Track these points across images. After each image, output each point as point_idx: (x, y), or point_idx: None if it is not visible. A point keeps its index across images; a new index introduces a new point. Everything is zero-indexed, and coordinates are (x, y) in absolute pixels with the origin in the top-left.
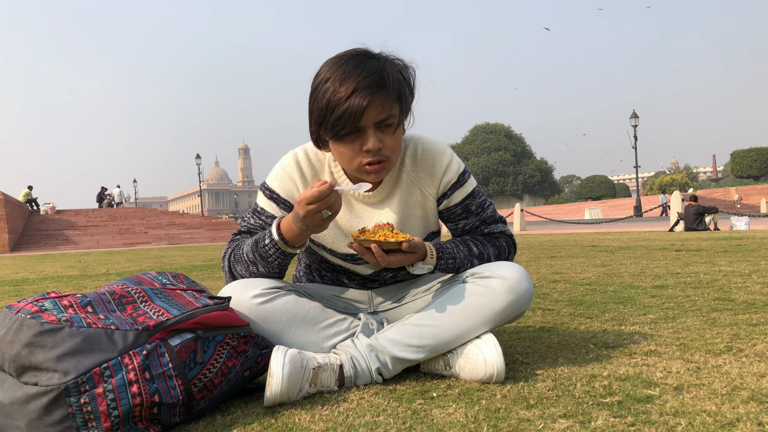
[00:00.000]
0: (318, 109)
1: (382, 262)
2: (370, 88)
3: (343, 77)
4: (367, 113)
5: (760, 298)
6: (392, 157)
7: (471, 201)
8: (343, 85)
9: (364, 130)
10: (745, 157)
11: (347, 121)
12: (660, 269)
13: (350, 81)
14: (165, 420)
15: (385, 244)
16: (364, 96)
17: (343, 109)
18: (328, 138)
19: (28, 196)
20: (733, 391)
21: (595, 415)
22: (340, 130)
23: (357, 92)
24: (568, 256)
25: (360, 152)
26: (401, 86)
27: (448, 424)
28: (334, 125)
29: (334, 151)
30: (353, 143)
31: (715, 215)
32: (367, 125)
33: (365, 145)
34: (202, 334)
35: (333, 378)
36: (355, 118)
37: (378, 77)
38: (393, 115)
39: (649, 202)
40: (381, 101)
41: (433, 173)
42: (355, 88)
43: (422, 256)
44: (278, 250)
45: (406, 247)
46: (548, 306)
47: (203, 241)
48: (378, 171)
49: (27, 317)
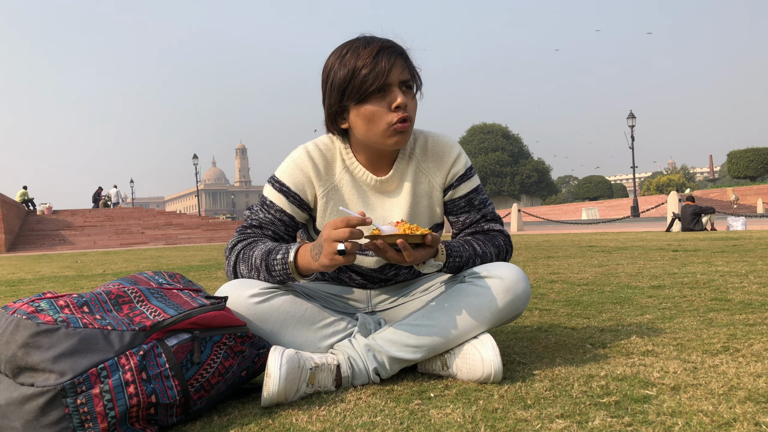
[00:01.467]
0: (341, 78)
1: (408, 257)
2: (394, 49)
3: (367, 42)
4: (393, 70)
5: (757, 298)
6: (413, 119)
7: (475, 196)
8: (367, 48)
9: (391, 89)
10: (741, 157)
11: (377, 77)
12: (657, 269)
13: (374, 44)
14: (162, 420)
15: (411, 237)
16: (390, 54)
17: (371, 67)
18: (352, 103)
19: (25, 196)
20: (730, 391)
21: (592, 415)
22: (369, 86)
23: (382, 51)
24: (566, 257)
25: (388, 110)
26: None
27: (445, 424)
28: (362, 84)
29: (358, 118)
30: (380, 102)
31: (712, 215)
32: (393, 83)
33: (395, 101)
34: (199, 335)
35: (330, 378)
36: (384, 73)
37: (398, 46)
38: (412, 80)
39: (646, 203)
40: (402, 64)
41: (441, 163)
42: (381, 48)
43: (435, 253)
44: (285, 270)
45: (429, 240)
46: (545, 306)
47: (200, 242)
48: (405, 131)
49: (23, 318)
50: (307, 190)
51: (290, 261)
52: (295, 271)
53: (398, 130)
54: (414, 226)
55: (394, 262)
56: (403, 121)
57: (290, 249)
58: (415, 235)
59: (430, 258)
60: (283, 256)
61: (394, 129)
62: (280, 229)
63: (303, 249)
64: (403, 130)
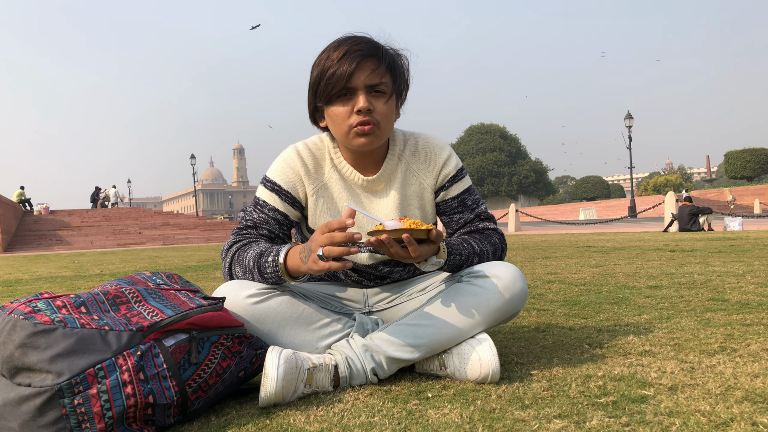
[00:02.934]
0: (313, 78)
1: (413, 253)
2: (362, 52)
3: (338, 45)
4: (357, 74)
5: (754, 298)
6: (383, 123)
7: (467, 196)
8: (336, 51)
9: (356, 92)
10: (738, 158)
11: (338, 80)
12: (654, 270)
13: (343, 46)
14: (159, 421)
15: (416, 232)
16: (355, 57)
17: (334, 70)
18: (322, 104)
19: (21, 196)
20: (727, 391)
21: (590, 415)
22: (332, 89)
23: (348, 54)
24: (563, 257)
25: (351, 114)
26: (393, 59)
27: (443, 424)
28: (326, 86)
29: (328, 118)
30: (344, 105)
31: (709, 216)
32: (358, 87)
33: (356, 105)
34: (196, 335)
35: (328, 378)
36: (345, 77)
37: (370, 45)
38: (384, 83)
39: (643, 203)
40: (372, 65)
41: (432, 165)
42: (347, 51)
43: (437, 250)
44: (276, 272)
45: (434, 234)
46: (543, 306)
47: (198, 242)
48: (367, 133)
49: (20, 318)
50: (298, 188)
51: (280, 263)
52: (285, 273)
53: (359, 133)
54: (418, 221)
55: (398, 258)
56: (363, 124)
57: (280, 251)
58: (420, 230)
59: (432, 255)
60: (274, 259)
61: (355, 131)
62: (274, 228)
63: (293, 251)
64: (364, 132)
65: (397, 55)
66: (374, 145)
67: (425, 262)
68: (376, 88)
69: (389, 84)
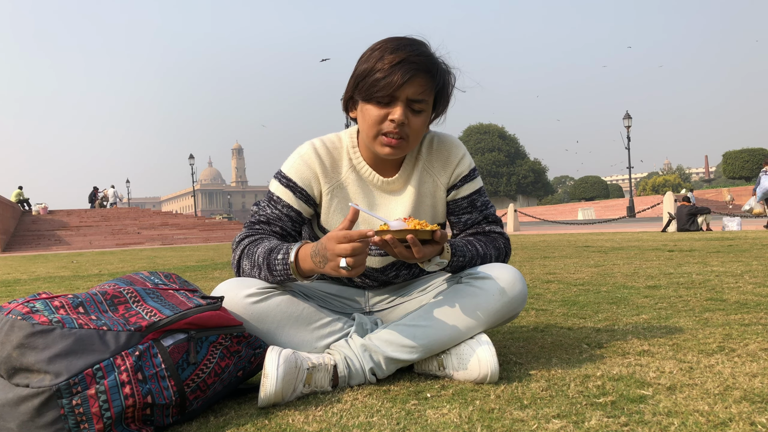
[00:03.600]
0: (361, 71)
1: (417, 253)
2: (417, 65)
3: (396, 48)
4: (405, 87)
5: (752, 298)
6: (412, 138)
7: (477, 197)
8: (392, 54)
9: (396, 102)
10: (737, 158)
11: (385, 87)
12: (653, 269)
13: (400, 52)
14: (158, 421)
15: (420, 233)
16: (409, 70)
17: (385, 74)
18: (360, 97)
19: (20, 196)
20: (726, 390)
21: (588, 415)
22: (376, 92)
23: (404, 64)
24: (562, 257)
25: (384, 120)
26: (446, 82)
27: (442, 424)
28: (371, 86)
29: (360, 113)
30: (382, 109)
31: (707, 216)
32: (400, 97)
33: (392, 114)
34: (194, 335)
35: (327, 378)
36: (393, 86)
37: (428, 60)
38: (427, 101)
39: (642, 203)
40: (422, 82)
41: (447, 163)
42: (404, 59)
43: (441, 251)
44: (286, 270)
45: (439, 236)
46: (542, 306)
47: (196, 242)
48: (394, 146)
49: (18, 318)
50: (313, 185)
51: (291, 262)
52: (296, 272)
53: (385, 143)
54: (423, 222)
55: (402, 258)
56: (393, 136)
57: (291, 250)
58: (424, 231)
59: (436, 255)
60: (284, 257)
61: (383, 140)
62: (287, 225)
63: (303, 251)
64: (391, 144)
65: (448, 73)
66: (397, 156)
67: (429, 262)
68: (417, 104)
69: (430, 103)
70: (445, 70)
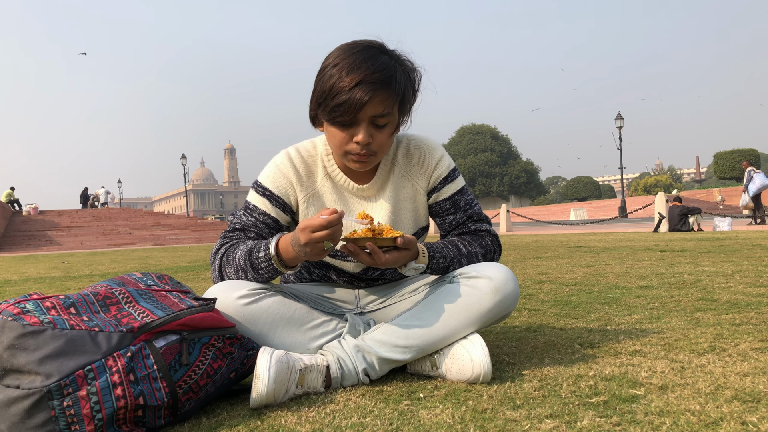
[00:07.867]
0: (321, 90)
1: (378, 261)
2: (375, 84)
3: (352, 66)
4: (366, 108)
5: (743, 298)
6: (379, 152)
7: (460, 197)
8: (349, 75)
9: (359, 123)
10: (727, 158)
11: (346, 111)
12: (645, 270)
13: (357, 72)
14: (150, 422)
15: (380, 240)
16: (367, 91)
17: (344, 98)
18: (324, 119)
19: (11, 197)
20: (717, 390)
21: (581, 415)
22: (338, 116)
23: (361, 85)
24: (554, 257)
25: (349, 141)
26: (406, 88)
27: (434, 425)
28: (333, 110)
29: (326, 131)
30: (345, 131)
31: (699, 216)
32: (363, 118)
33: (356, 136)
34: (187, 336)
35: (319, 379)
36: (354, 109)
37: (385, 75)
38: (391, 114)
39: (633, 203)
40: (382, 98)
41: (424, 167)
42: (361, 80)
43: (415, 255)
44: (270, 266)
45: (400, 242)
46: (534, 306)
47: (188, 242)
48: (363, 161)
49: (8, 319)
50: (290, 194)
51: (272, 255)
52: (279, 264)
53: (354, 160)
54: (386, 227)
55: (367, 264)
56: (360, 154)
57: (270, 244)
58: (384, 239)
59: (410, 261)
60: (266, 253)
61: (350, 158)
62: (263, 231)
63: (283, 242)
64: (360, 160)
65: (413, 70)
66: (367, 168)
67: (405, 267)
68: (381, 119)
69: (395, 115)
70: (404, 74)
